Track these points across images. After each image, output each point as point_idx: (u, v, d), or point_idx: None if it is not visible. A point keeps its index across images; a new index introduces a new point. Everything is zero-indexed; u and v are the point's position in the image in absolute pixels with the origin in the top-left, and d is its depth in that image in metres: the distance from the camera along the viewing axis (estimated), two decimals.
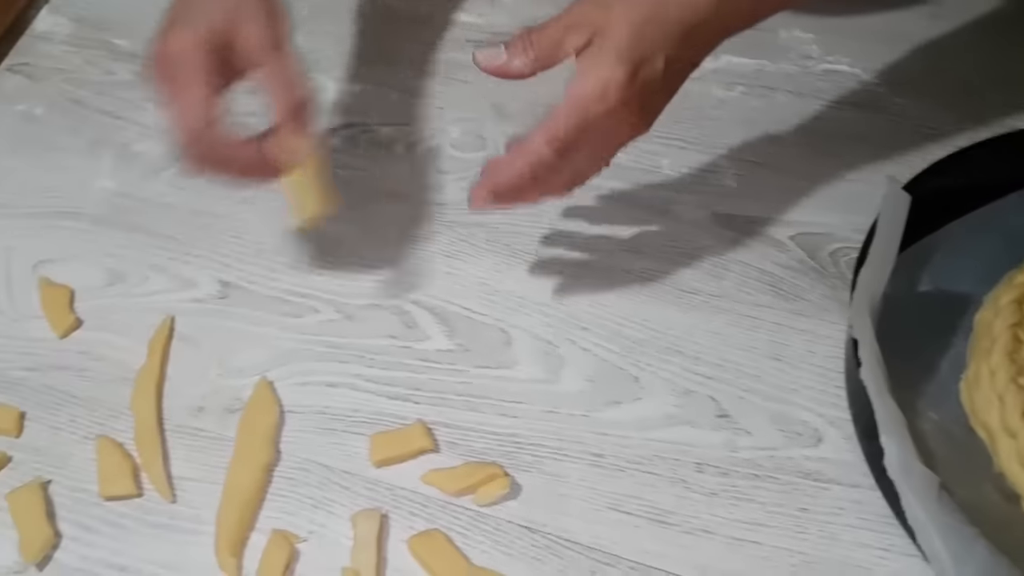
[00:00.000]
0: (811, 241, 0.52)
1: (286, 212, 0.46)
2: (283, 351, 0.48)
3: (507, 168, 0.41)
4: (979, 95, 0.58)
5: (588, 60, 0.40)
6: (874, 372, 0.38)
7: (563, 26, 0.40)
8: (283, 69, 0.43)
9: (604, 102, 0.39)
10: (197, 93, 0.41)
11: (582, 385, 0.47)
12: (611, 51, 0.39)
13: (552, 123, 0.40)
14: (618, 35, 0.39)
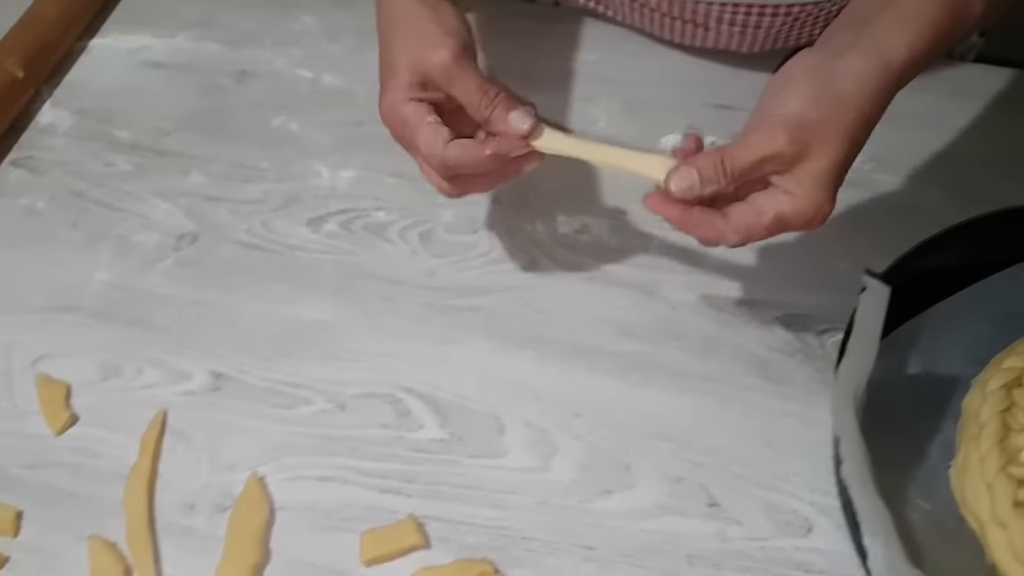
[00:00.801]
0: (798, 322, 0.52)
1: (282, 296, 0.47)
2: (275, 444, 0.48)
3: (696, 222, 0.43)
4: (966, 171, 0.59)
5: (794, 184, 0.41)
6: (858, 468, 0.38)
7: (760, 158, 0.41)
8: (469, 80, 0.44)
9: (808, 224, 0.42)
10: (424, 139, 0.44)
11: (574, 474, 0.47)
12: (818, 182, 0.41)
13: (753, 230, 0.42)
14: (821, 168, 0.41)
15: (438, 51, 0.44)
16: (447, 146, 0.43)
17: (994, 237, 0.52)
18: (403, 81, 0.45)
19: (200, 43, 0.70)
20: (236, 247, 0.57)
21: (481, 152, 0.43)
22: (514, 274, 0.56)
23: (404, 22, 0.46)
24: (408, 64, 0.45)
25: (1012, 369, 0.45)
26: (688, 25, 0.64)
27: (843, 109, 0.41)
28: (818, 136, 0.41)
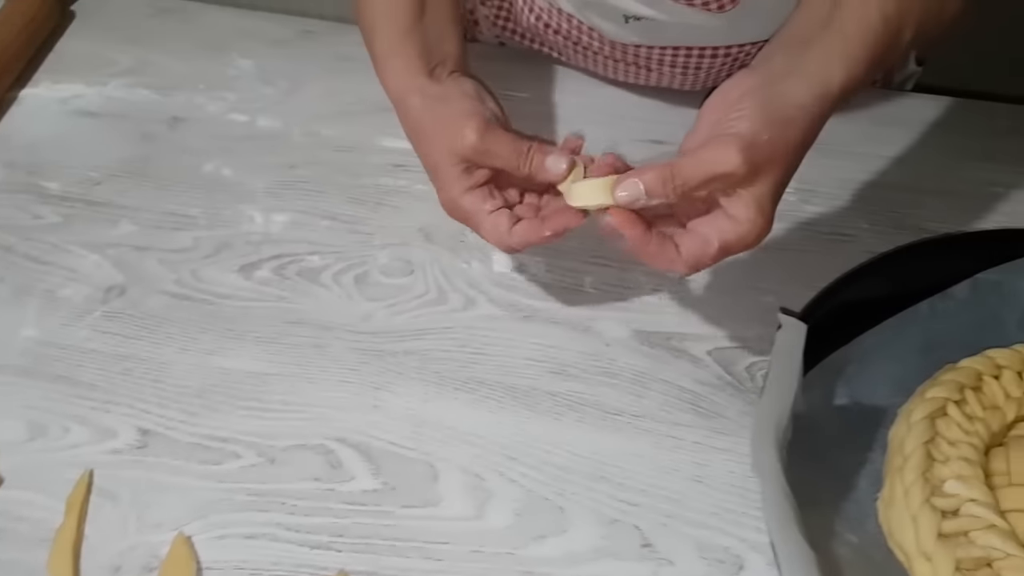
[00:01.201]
0: (727, 356, 0.52)
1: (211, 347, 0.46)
2: (202, 502, 0.47)
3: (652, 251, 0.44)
4: (894, 200, 0.60)
5: (740, 207, 0.42)
6: (779, 507, 0.38)
7: (712, 176, 0.42)
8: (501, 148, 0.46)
9: (748, 247, 0.44)
10: (488, 232, 0.47)
11: (509, 520, 0.47)
12: (760, 206, 0.42)
13: (702, 260, 0.43)
14: (764, 192, 0.42)
15: (464, 136, 0.46)
16: (511, 234, 0.46)
17: (919, 266, 0.53)
18: (450, 176, 0.47)
19: (133, 90, 0.69)
20: (165, 298, 0.56)
21: (541, 233, 0.46)
22: (450, 315, 0.56)
23: (427, 123, 0.48)
24: (446, 160, 0.47)
25: (935, 399, 0.46)
26: (631, 67, 0.65)
27: (789, 133, 0.42)
28: (768, 158, 0.42)
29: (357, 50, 0.72)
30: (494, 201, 0.47)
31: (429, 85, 0.49)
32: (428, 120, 0.48)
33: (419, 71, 0.50)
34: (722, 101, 0.43)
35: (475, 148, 0.46)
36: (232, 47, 0.72)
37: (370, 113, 0.67)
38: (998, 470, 0.45)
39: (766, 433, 0.40)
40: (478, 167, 0.47)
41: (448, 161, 0.47)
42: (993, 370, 0.47)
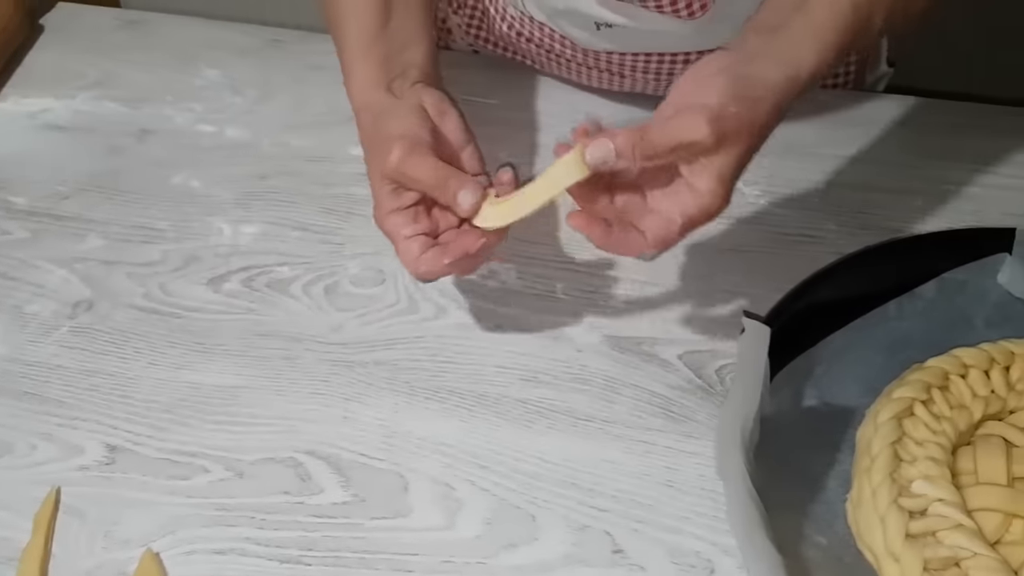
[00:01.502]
0: (697, 359, 0.52)
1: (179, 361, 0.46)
2: (170, 518, 0.47)
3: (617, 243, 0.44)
4: (859, 201, 0.60)
5: (702, 178, 0.43)
6: (744, 511, 0.38)
7: (678, 143, 0.42)
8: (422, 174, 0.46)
9: (709, 218, 0.44)
10: (402, 256, 0.47)
11: (479, 529, 0.47)
12: (721, 178, 0.43)
13: (669, 239, 0.44)
14: (727, 164, 0.43)
15: (389, 156, 0.46)
16: (418, 263, 0.47)
17: (886, 266, 0.53)
18: (379, 195, 0.48)
19: (100, 103, 0.69)
20: (133, 312, 0.55)
21: (442, 261, 0.46)
22: (421, 324, 0.56)
23: (367, 140, 0.49)
24: (377, 177, 0.48)
25: (902, 399, 0.46)
26: (604, 74, 0.65)
27: (756, 109, 0.43)
28: (735, 130, 0.42)
29: (326, 59, 0.72)
30: (415, 226, 0.47)
31: (381, 101, 0.50)
32: (368, 137, 0.49)
33: (377, 84, 0.50)
34: (694, 78, 0.44)
35: (395, 170, 0.46)
36: (200, 57, 0.71)
37: (340, 122, 0.66)
38: (965, 469, 0.45)
39: (731, 437, 0.40)
40: (405, 188, 0.47)
41: (379, 180, 0.47)
42: (960, 369, 0.48)
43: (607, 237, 0.44)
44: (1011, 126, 0.64)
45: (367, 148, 0.49)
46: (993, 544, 0.42)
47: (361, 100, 0.51)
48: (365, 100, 0.50)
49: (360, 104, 0.51)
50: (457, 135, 0.49)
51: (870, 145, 0.63)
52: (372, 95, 0.50)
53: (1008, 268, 0.52)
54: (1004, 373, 0.48)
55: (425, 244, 0.47)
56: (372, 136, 0.49)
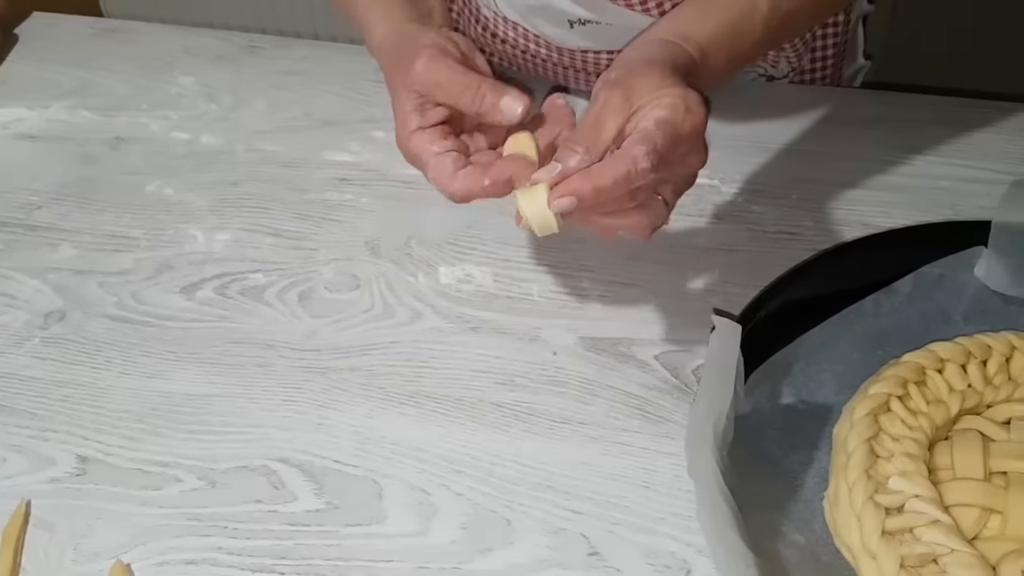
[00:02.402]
0: (674, 359, 0.52)
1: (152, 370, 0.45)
2: (141, 529, 0.46)
3: (600, 174, 0.40)
4: (836, 197, 0.59)
5: (656, 97, 0.40)
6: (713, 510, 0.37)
7: (594, 116, 0.41)
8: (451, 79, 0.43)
9: (691, 115, 0.40)
10: (432, 175, 0.43)
11: (454, 534, 0.46)
12: (671, 83, 0.40)
13: (648, 135, 0.40)
14: (663, 79, 0.41)
15: (415, 64, 0.43)
16: (453, 180, 0.43)
17: (862, 262, 0.53)
18: (403, 112, 0.44)
19: (75, 112, 0.68)
20: (105, 321, 0.55)
21: (482, 182, 0.42)
22: (396, 329, 0.55)
23: (391, 59, 0.46)
24: (400, 95, 0.44)
25: (878, 395, 0.46)
26: (580, 73, 0.65)
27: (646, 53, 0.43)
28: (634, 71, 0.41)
29: (301, 64, 0.72)
30: (444, 143, 0.43)
31: (412, 28, 0.47)
32: (395, 56, 0.46)
33: (399, 19, 0.48)
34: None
35: (422, 77, 0.43)
36: (175, 65, 0.71)
37: (314, 128, 0.66)
38: (942, 464, 0.44)
39: (702, 436, 0.39)
40: (433, 105, 0.44)
41: (402, 96, 0.44)
42: (936, 364, 0.47)
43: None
44: (986, 119, 0.64)
45: (392, 71, 0.45)
46: (971, 540, 0.42)
47: (385, 33, 0.47)
48: (389, 31, 0.47)
49: (384, 37, 0.47)
50: (486, 71, 0.46)
51: (847, 141, 0.63)
52: (398, 27, 0.47)
53: (985, 261, 0.52)
54: (981, 367, 0.48)
55: (459, 160, 0.43)
56: (397, 57, 0.45)
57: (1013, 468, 0.44)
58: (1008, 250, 0.51)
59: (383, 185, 0.62)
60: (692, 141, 0.41)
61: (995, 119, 0.64)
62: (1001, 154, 0.62)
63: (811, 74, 0.69)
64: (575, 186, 0.40)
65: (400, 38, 0.46)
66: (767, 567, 0.38)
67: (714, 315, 0.44)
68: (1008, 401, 0.47)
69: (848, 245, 0.53)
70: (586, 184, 0.40)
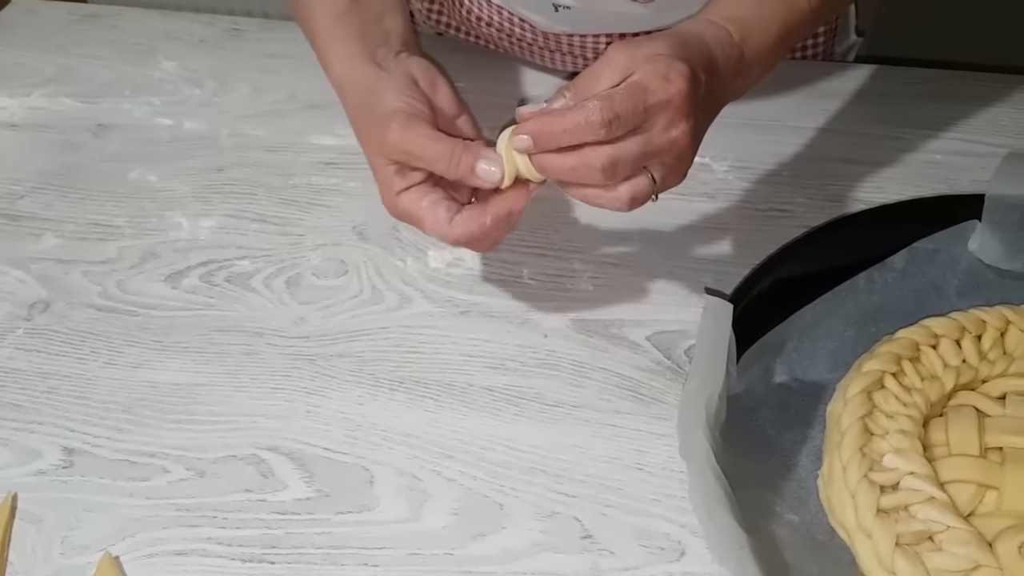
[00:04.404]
0: (666, 340, 0.51)
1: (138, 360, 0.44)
2: (129, 520, 0.46)
3: (554, 118, 0.40)
4: (828, 173, 0.59)
5: (645, 63, 0.40)
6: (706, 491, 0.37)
7: (593, 70, 0.41)
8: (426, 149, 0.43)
9: (667, 84, 0.40)
10: (430, 226, 0.44)
11: (446, 520, 0.46)
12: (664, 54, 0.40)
13: (609, 94, 0.40)
14: (662, 47, 0.41)
15: (387, 134, 0.43)
16: (452, 225, 0.43)
17: (855, 238, 0.53)
18: (385, 177, 0.44)
19: (56, 99, 0.67)
20: (90, 311, 0.54)
21: (482, 221, 0.43)
22: (385, 315, 0.54)
23: (357, 121, 0.46)
24: (376, 158, 0.45)
25: (872, 372, 0.45)
26: (566, 56, 0.64)
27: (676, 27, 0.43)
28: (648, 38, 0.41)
29: (285, 47, 0.71)
30: (432, 196, 0.44)
31: (367, 74, 0.46)
32: (357, 118, 0.46)
33: (357, 56, 0.47)
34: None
35: (396, 148, 0.43)
36: (158, 50, 0.70)
37: (300, 111, 0.65)
38: (937, 441, 0.44)
39: (694, 416, 0.39)
40: (410, 168, 0.44)
41: (380, 162, 0.44)
42: (930, 340, 0.47)
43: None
44: (979, 93, 0.63)
45: (360, 128, 0.46)
46: (966, 516, 0.42)
47: (343, 74, 0.47)
48: (348, 74, 0.47)
49: (343, 78, 0.47)
50: (450, 104, 0.46)
51: (838, 116, 0.62)
52: (356, 68, 0.47)
53: (978, 235, 0.51)
54: (975, 342, 0.47)
55: (452, 207, 0.44)
56: (363, 115, 0.46)
57: (1009, 443, 0.43)
58: (1002, 224, 0.51)
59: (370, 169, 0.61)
60: (668, 111, 0.40)
61: (988, 92, 0.63)
62: (994, 127, 0.61)
63: (803, 51, 0.68)
64: (529, 126, 0.41)
65: (363, 89, 0.46)
66: (761, 547, 0.38)
67: (705, 294, 0.44)
68: (1003, 376, 0.46)
69: (840, 221, 0.52)
70: (539, 126, 0.40)
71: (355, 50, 0.47)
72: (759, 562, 0.36)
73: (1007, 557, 0.40)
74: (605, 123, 0.39)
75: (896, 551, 0.40)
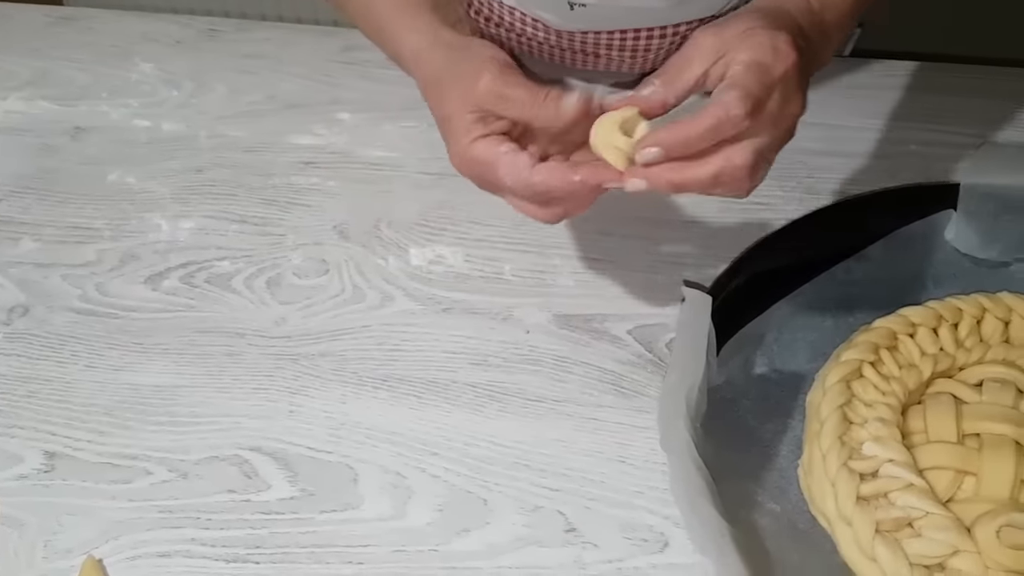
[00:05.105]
0: (648, 333, 0.52)
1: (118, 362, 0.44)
2: (112, 523, 0.46)
3: (688, 125, 0.38)
4: (806, 165, 0.59)
5: (742, 41, 0.38)
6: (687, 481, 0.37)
7: (681, 55, 0.39)
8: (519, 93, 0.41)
9: (780, 55, 0.38)
10: (505, 170, 0.41)
11: (431, 516, 0.46)
12: (758, 27, 0.39)
13: (737, 79, 0.38)
14: (752, 22, 0.39)
15: (480, 79, 0.41)
16: (532, 170, 0.40)
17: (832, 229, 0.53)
18: (461, 125, 0.42)
19: (33, 103, 0.67)
20: (70, 315, 0.54)
21: (569, 177, 0.40)
22: (367, 313, 0.54)
23: (441, 72, 0.44)
24: (459, 107, 0.42)
25: (850, 361, 0.46)
26: (578, 54, 0.63)
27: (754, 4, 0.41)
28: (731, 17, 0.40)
29: (263, 47, 0.71)
30: (510, 145, 0.41)
31: (448, 36, 0.45)
32: (444, 68, 0.44)
33: (437, 26, 0.46)
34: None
35: (491, 92, 0.41)
36: (135, 51, 0.70)
37: (278, 111, 0.65)
38: (916, 428, 0.44)
39: (674, 408, 0.39)
40: (495, 117, 0.42)
41: (461, 109, 0.42)
42: (907, 328, 0.47)
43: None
44: (954, 83, 0.63)
45: (440, 82, 0.43)
46: (945, 502, 0.42)
47: (428, 38, 0.45)
48: (434, 37, 0.45)
49: (428, 42, 0.45)
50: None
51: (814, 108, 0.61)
52: (436, 36, 0.45)
53: (954, 225, 0.52)
54: (952, 330, 0.48)
55: (534, 156, 0.41)
56: (450, 68, 0.43)
57: (986, 429, 0.44)
58: (977, 212, 0.51)
59: (350, 168, 0.61)
60: (785, 86, 0.39)
61: (962, 83, 0.64)
62: (968, 117, 0.62)
63: None
64: (660, 136, 0.38)
65: (448, 50, 0.44)
66: (742, 536, 0.38)
67: (684, 287, 0.44)
68: (980, 363, 0.47)
69: (817, 213, 0.53)
70: (672, 134, 0.38)
71: (427, 22, 0.46)
72: (740, 552, 0.36)
73: (985, 542, 0.40)
74: (748, 113, 0.37)
75: (876, 538, 0.40)
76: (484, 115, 0.42)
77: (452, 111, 0.43)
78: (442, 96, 0.43)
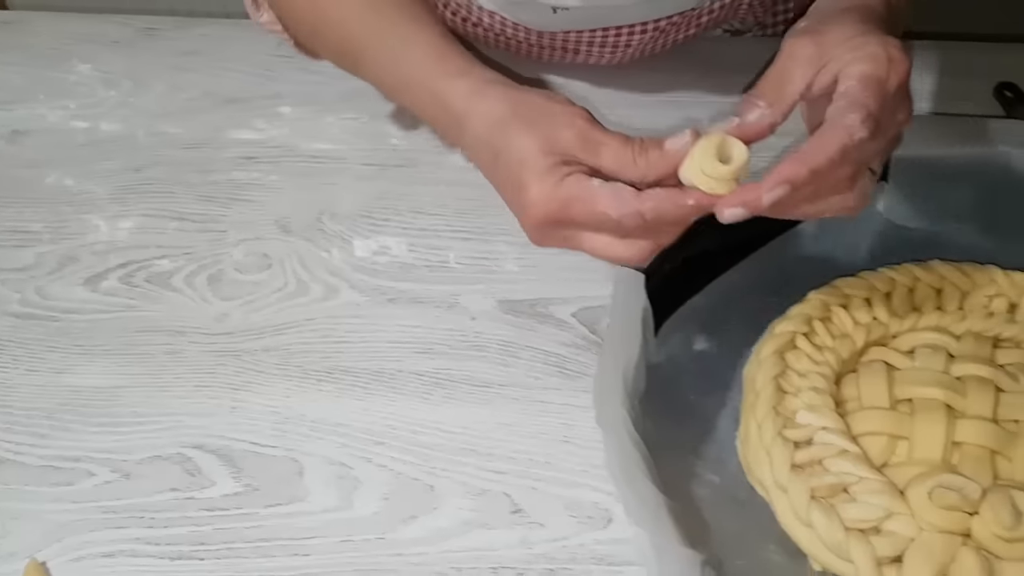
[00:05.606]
0: (591, 315, 0.52)
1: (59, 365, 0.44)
2: (56, 525, 0.45)
3: (812, 156, 0.36)
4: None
5: (849, 52, 0.37)
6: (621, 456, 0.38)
7: (780, 69, 0.38)
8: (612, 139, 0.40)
9: (895, 66, 0.37)
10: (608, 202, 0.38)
11: (377, 505, 0.46)
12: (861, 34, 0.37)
13: (857, 100, 0.36)
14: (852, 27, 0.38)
15: (571, 124, 0.40)
16: (639, 198, 0.38)
17: None
18: (542, 167, 0.39)
19: None
20: (8, 319, 0.53)
21: (683, 201, 0.38)
22: (311, 306, 0.54)
23: (518, 116, 0.41)
24: (539, 149, 0.40)
25: (783, 334, 0.46)
26: (558, 51, 0.63)
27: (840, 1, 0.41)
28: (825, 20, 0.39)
29: (201, 44, 0.70)
30: (600, 179, 0.39)
31: (502, 76, 0.43)
32: (521, 112, 0.41)
33: (481, 64, 0.44)
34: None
35: (584, 137, 0.39)
36: (73, 53, 0.69)
37: (217, 107, 0.64)
38: (850, 396, 0.45)
39: (609, 385, 0.40)
40: (576, 163, 0.40)
41: (542, 152, 0.40)
42: (840, 299, 0.48)
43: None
44: None
45: (509, 127, 0.41)
46: (880, 467, 0.43)
47: (481, 78, 0.43)
48: (489, 76, 0.43)
49: (484, 81, 0.43)
50: None
51: None
52: (490, 73, 0.44)
53: (887, 196, 0.53)
54: (885, 299, 0.49)
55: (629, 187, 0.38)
56: (524, 110, 0.41)
57: (917, 394, 0.45)
58: (908, 183, 0.52)
59: (292, 161, 0.61)
60: (899, 95, 0.38)
61: None
62: None
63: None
64: (787, 173, 0.36)
65: (514, 92, 0.42)
66: (680, 508, 0.39)
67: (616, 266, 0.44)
68: (913, 330, 0.48)
69: None
70: (800, 168, 0.36)
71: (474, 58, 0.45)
72: (677, 523, 0.37)
73: (918, 503, 0.41)
74: (872, 135, 0.36)
75: (811, 504, 0.41)
76: (567, 160, 0.40)
77: (528, 155, 0.40)
78: (512, 141, 0.41)
